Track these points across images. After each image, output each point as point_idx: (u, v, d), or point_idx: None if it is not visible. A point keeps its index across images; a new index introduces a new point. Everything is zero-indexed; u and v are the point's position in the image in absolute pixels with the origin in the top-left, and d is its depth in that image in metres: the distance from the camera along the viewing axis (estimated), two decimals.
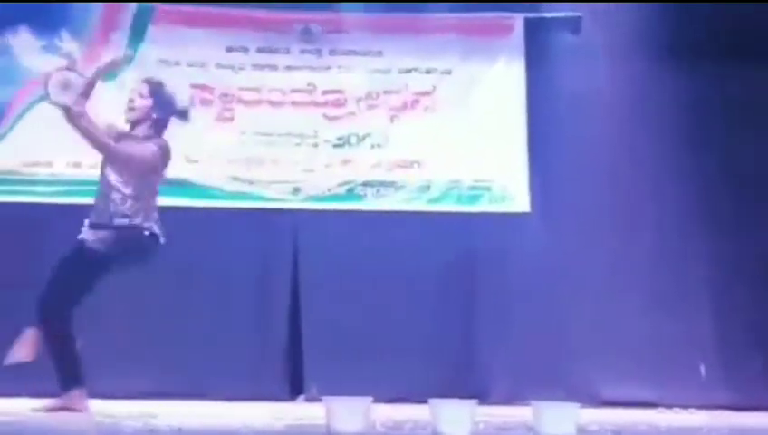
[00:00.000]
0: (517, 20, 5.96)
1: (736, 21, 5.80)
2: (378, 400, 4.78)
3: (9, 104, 5.74)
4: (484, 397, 5.41)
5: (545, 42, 5.97)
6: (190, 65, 5.87)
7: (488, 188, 5.86)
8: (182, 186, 5.76)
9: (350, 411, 3.39)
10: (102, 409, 4.35)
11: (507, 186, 5.87)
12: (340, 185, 5.86)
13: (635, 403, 5.26)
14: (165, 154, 4.59)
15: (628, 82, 5.68)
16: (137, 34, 5.85)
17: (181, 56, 5.86)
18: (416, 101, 5.94)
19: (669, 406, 5.32)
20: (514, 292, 5.71)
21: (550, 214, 5.80)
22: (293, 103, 5.90)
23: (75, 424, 3.88)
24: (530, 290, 5.67)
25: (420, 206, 5.86)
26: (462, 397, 3.93)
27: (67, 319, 4.41)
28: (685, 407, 5.25)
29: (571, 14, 5.97)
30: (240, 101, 5.88)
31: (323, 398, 3.59)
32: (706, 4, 5.72)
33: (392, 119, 5.92)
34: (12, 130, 5.73)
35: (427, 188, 5.88)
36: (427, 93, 5.94)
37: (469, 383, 5.50)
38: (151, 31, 5.87)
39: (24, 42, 5.76)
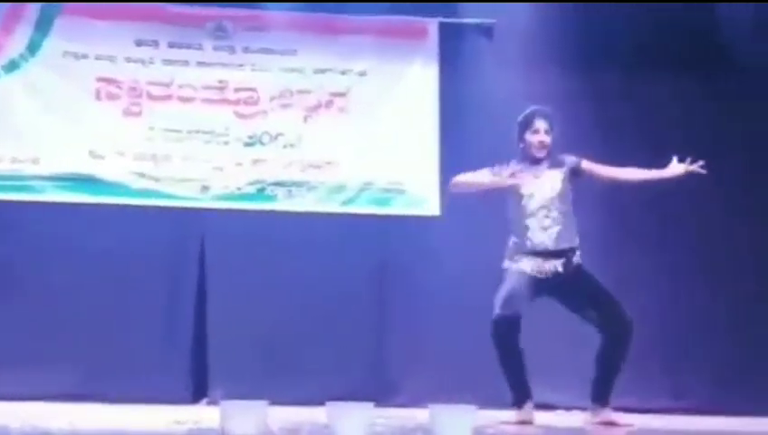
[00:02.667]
0: (432, 24, 5.98)
1: (642, 30, 5.94)
2: (283, 403, 4.74)
3: None
4: (392, 400, 5.42)
5: (459, 47, 6.00)
6: (98, 58, 5.72)
7: (401, 191, 5.84)
8: (87, 182, 5.61)
9: (244, 414, 3.30)
10: None
11: (419, 189, 5.86)
12: (251, 184, 5.76)
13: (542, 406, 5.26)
14: None
15: (538, 89, 5.71)
16: (43, 26, 5.69)
17: (88, 49, 5.70)
18: (330, 102, 5.89)
19: (568, 408, 5.36)
20: (425, 295, 5.68)
21: (461, 218, 5.78)
22: (204, 100, 5.79)
23: None
24: (440, 293, 5.65)
25: (333, 207, 5.81)
26: (370, 400, 3.87)
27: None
28: (584, 409, 5.27)
29: (484, 20, 6.01)
30: (149, 95, 5.74)
31: (221, 401, 3.48)
32: (612, 13, 5.85)
33: (306, 119, 5.86)
34: None
35: (340, 189, 5.83)
36: (341, 94, 5.90)
37: (378, 386, 5.44)
38: (58, 23, 5.70)
39: None
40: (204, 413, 4.54)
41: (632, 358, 5.41)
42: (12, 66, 5.61)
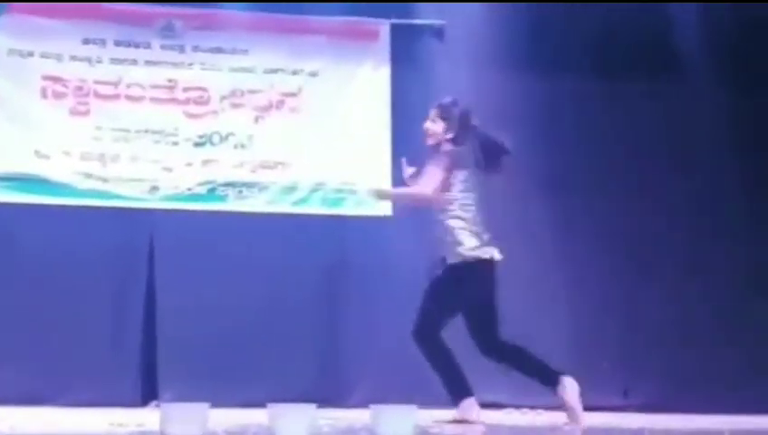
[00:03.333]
0: (384, 25, 5.98)
1: (590, 34, 6.02)
2: (233, 405, 4.68)
3: None
4: (345, 401, 5.38)
5: (411, 48, 6.01)
6: (44, 57, 5.62)
7: (352, 191, 5.81)
8: (32, 182, 5.51)
9: (185, 417, 3.24)
10: None
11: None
12: (201, 184, 5.70)
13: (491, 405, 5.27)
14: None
15: (488, 89, 5.75)
16: None
17: (34, 47, 5.60)
18: (281, 102, 5.85)
19: (517, 407, 5.37)
20: (378, 295, 5.66)
21: (411, 218, 5.77)
22: (153, 99, 5.71)
23: None
24: (392, 293, 5.62)
25: (285, 208, 5.77)
26: (322, 401, 3.83)
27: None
28: (532, 408, 5.29)
29: (435, 21, 6.02)
30: (96, 94, 5.65)
31: (161, 404, 3.42)
32: (562, 13, 5.92)
33: (257, 119, 5.81)
34: None
35: (292, 190, 5.79)
36: (293, 94, 5.86)
37: (330, 387, 5.40)
38: (3, 20, 5.59)
39: None
40: (148, 416, 4.46)
41: (583, 357, 5.51)
42: None
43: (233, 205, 5.70)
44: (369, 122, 5.89)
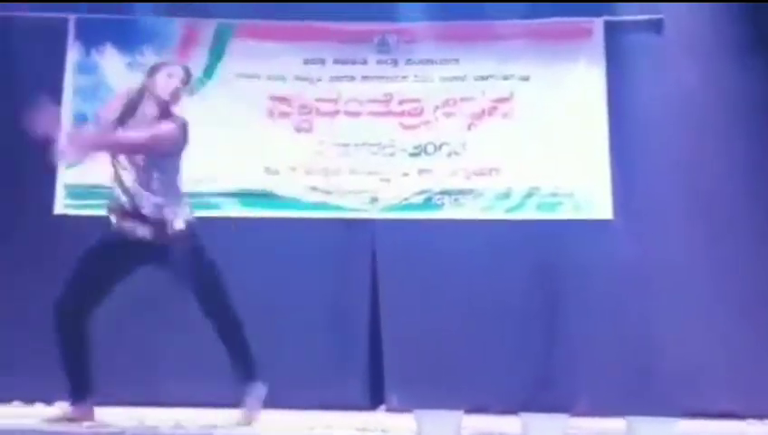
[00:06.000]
0: (596, 24, 5.86)
1: None
2: (454, 409, 4.78)
3: (96, 120, 5.89)
4: (565, 410, 5.33)
5: (626, 44, 5.85)
6: (269, 78, 5.95)
7: (569, 195, 5.75)
8: (262, 197, 5.85)
9: (441, 423, 3.35)
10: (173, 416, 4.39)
11: (589, 192, 5.75)
12: (418, 194, 5.84)
13: (721, 415, 5.07)
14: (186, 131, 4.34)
15: (711, 83, 5.50)
16: (217, 49, 5.97)
17: (260, 69, 5.95)
18: (493, 108, 5.88)
19: (760, 417, 5.11)
20: (597, 301, 5.56)
21: (633, 221, 5.65)
22: (370, 113, 5.92)
23: None
24: (613, 299, 5.52)
25: (499, 214, 5.79)
26: (542, 409, 3.83)
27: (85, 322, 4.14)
28: None
29: (652, 15, 5.83)
30: (318, 112, 5.93)
31: (414, 410, 3.54)
32: None
33: (469, 126, 5.88)
34: None
35: (506, 196, 5.81)
36: (504, 100, 5.88)
37: (550, 395, 5.37)
38: (231, 46, 5.98)
39: (109, 59, 5.94)
40: (385, 420, 4.61)
41: None
42: (190, 90, 5.90)
43: (448, 213, 5.81)
44: (584, 124, 5.79)
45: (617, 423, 3.78)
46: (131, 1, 5.92)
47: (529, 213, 5.78)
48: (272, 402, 5.30)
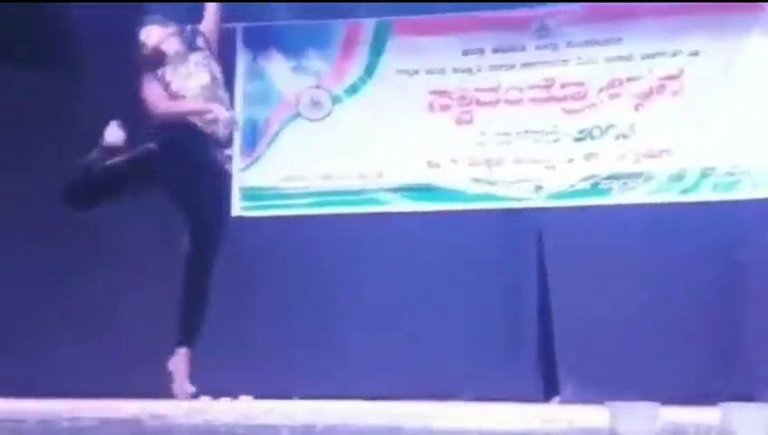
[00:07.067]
0: None
1: None
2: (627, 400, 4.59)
3: (266, 125, 6.10)
4: (750, 400, 5.03)
5: None
6: (428, 73, 5.95)
7: (746, 173, 5.42)
8: (425, 191, 5.85)
9: (637, 416, 3.25)
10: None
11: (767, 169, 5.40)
12: (584, 180, 5.66)
13: None
14: None
15: None
16: (377, 48, 6.02)
17: (419, 64, 5.95)
18: (662, 87, 5.62)
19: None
20: None
21: None
22: (531, 100, 5.79)
23: None
24: None
25: (672, 197, 5.52)
26: (721, 400, 3.62)
27: None
28: None
29: None
30: (478, 102, 5.87)
31: (608, 403, 3.45)
32: None
33: (637, 107, 5.64)
34: (269, 148, 6.06)
35: (680, 177, 5.53)
36: (673, 77, 5.60)
37: (729, 385, 5.08)
38: (390, 43, 6.02)
39: (275, 64, 6.12)
40: (571, 412, 4.47)
41: None
42: (353, 89, 6.01)
43: (617, 198, 5.59)
44: (758, 97, 5.45)
45: None
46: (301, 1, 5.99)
47: (705, 194, 5.48)
48: (443, 395, 5.36)
